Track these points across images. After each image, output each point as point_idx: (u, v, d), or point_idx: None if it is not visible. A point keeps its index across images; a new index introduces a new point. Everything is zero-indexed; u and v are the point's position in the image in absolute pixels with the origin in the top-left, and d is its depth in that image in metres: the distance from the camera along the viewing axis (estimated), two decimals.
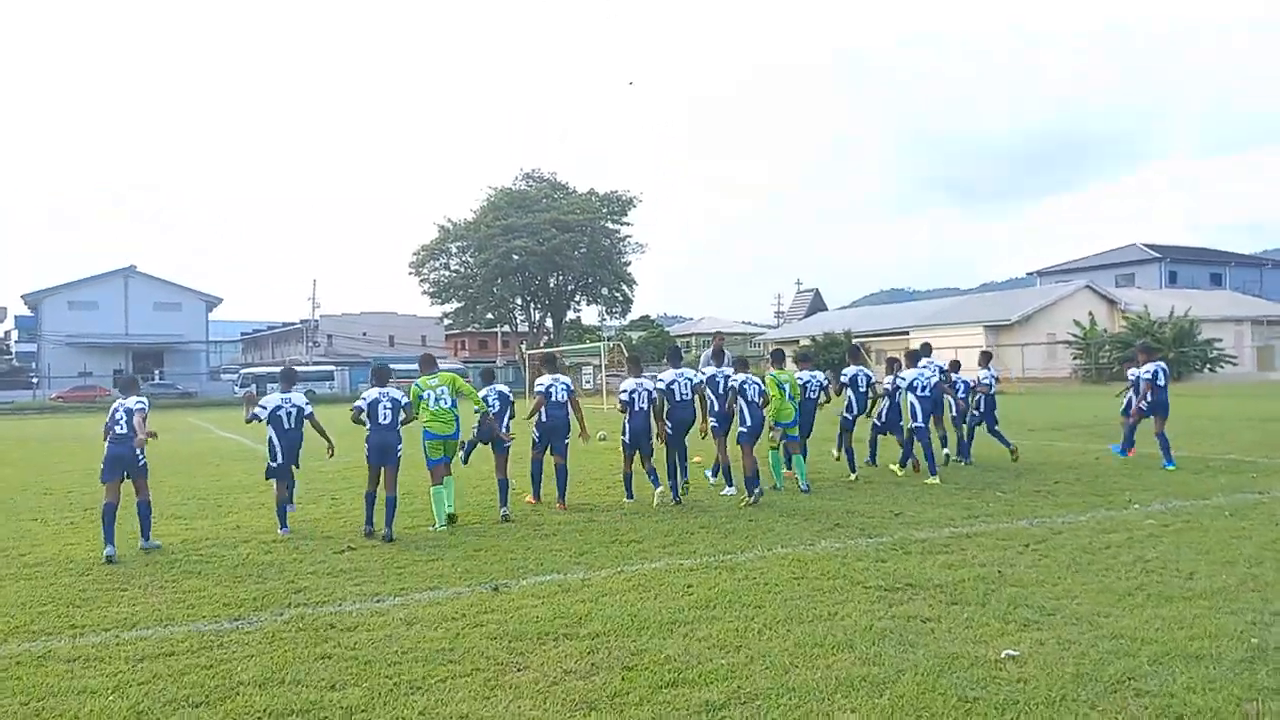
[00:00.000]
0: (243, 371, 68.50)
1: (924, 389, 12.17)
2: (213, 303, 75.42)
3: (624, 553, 7.76)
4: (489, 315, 68.30)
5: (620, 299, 68.65)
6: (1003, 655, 4.83)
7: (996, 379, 14.58)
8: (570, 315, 71.44)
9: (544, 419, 10.41)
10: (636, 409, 10.48)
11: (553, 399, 10.41)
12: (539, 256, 60.86)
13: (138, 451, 8.61)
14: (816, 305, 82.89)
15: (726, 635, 5.31)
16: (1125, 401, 13.91)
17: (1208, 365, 45.78)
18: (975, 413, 13.89)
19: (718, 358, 12.23)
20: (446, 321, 71.12)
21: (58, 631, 5.91)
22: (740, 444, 10.51)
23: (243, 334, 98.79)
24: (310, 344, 76.86)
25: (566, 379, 10.75)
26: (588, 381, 64.52)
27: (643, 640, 5.27)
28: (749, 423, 10.53)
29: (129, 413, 8.72)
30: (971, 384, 13.83)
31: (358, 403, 9.44)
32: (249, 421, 9.75)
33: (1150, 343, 40.96)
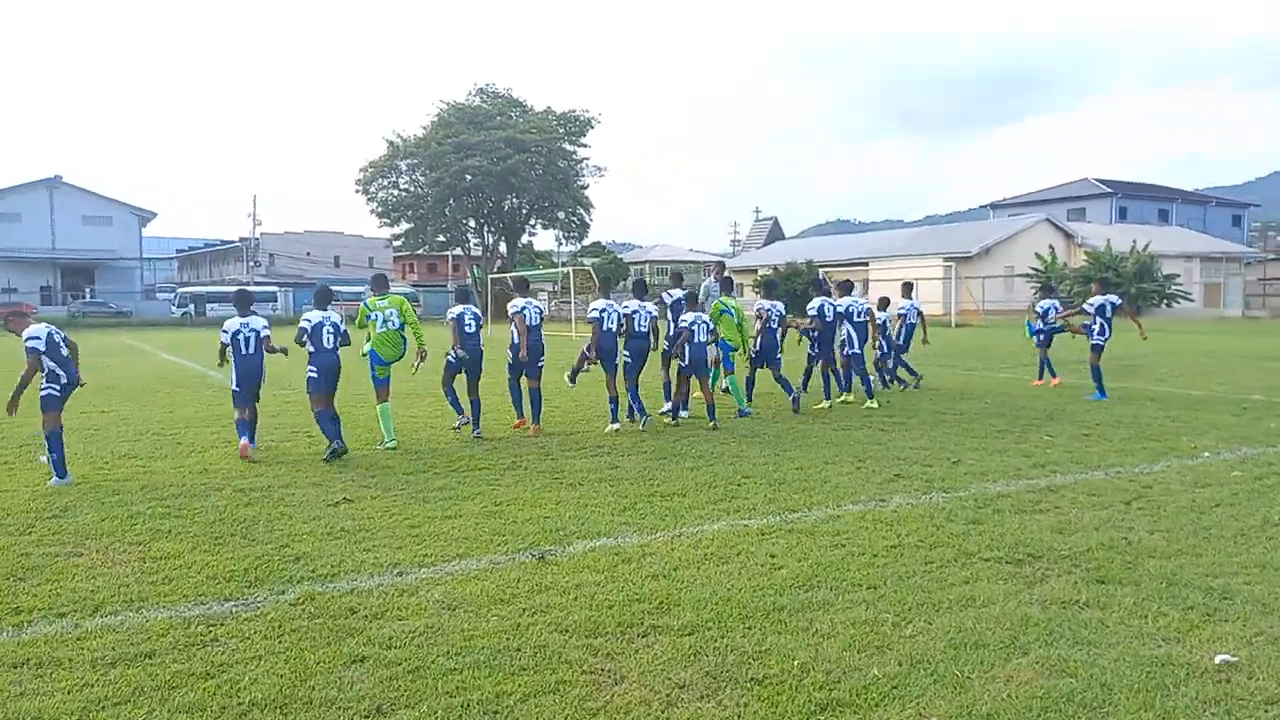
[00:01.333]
0: (180, 291, 65.48)
1: (859, 315, 12.73)
2: (146, 217, 71.73)
3: (672, 509, 6.70)
4: (440, 238, 65.90)
5: (577, 223, 66.75)
6: (1218, 661, 3.90)
7: (919, 311, 15.01)
8: (525, 239, 69.40)
9: (516, 341, 10.49)
10: (604, 329, 10.69)
11: (528, 322, 10.55)
12: (493, 177, 58.49)
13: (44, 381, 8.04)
14: (775, 234, 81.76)
15: (857, 630, 4.29)
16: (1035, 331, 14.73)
17: (1165, 301, 45.95)
18: (899, 343, 14.61)
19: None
20: (396, 243, 68.52)
21: None
22: (682, 377, 11.06)
23: (178, 251, 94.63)
24: (251, 263, 73.67)
25: (539, 303, 10.92)
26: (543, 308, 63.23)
27: (755, 637, 4.22)
28: (686, 361, 10.84)
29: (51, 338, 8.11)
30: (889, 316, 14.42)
31: (301, 324, 9.30)
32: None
33: (1111, 277, 40.99)
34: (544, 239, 73.55)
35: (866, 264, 58.61)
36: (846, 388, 12.60)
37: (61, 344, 8.21)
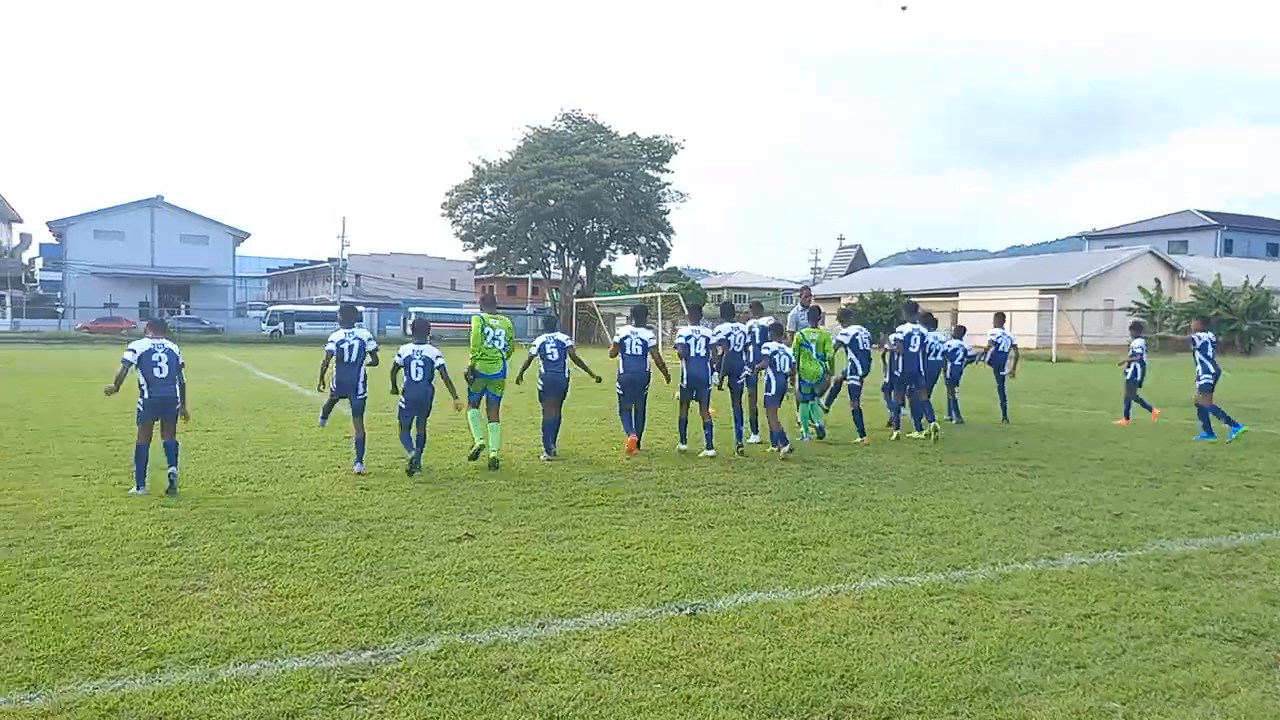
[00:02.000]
0: (271, 309, 67.25)
1: (935, 353, 12.79)
2: (240, 237, 74.04)
3: (819, 560, 6.18)
4: (522, 261, 66.41)
5: (657, 249, 66.63)
6: None
7: (1012, 343, 15.07)
8: (606, 263, 69.52)
9: (621, 370, 10.68)
10: (693, 355, 10.80)
11: (627, 351, 10.72)
12: (576, 201, 58.72)
13: (177, 393, 8.63)
14: (859, 262, 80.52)
15: None
16: (1131, 372, 14.38)
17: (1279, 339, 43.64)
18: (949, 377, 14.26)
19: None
20: (479, 266, 69.29)
21: (128, 662, 4.38)
22: (766, 407, 10.82)
23: (269, 270, 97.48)
24: (338, 283, 75.36)
25: (646, 333, 10.92)
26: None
27: None
28: (773, 389, 10.70)
29: (172, 355, 8.63)
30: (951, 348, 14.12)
31: (395, 358, 9.65)
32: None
33: (1205, 312, 39.05)
34: (622, 263, 73.55)
35: (956, 294, 57.08)
36: (917, 420, 12.40)
37: (159, 364, 8.46)
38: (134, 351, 8.54)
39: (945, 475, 9.49)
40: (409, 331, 10.17)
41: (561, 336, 10.46)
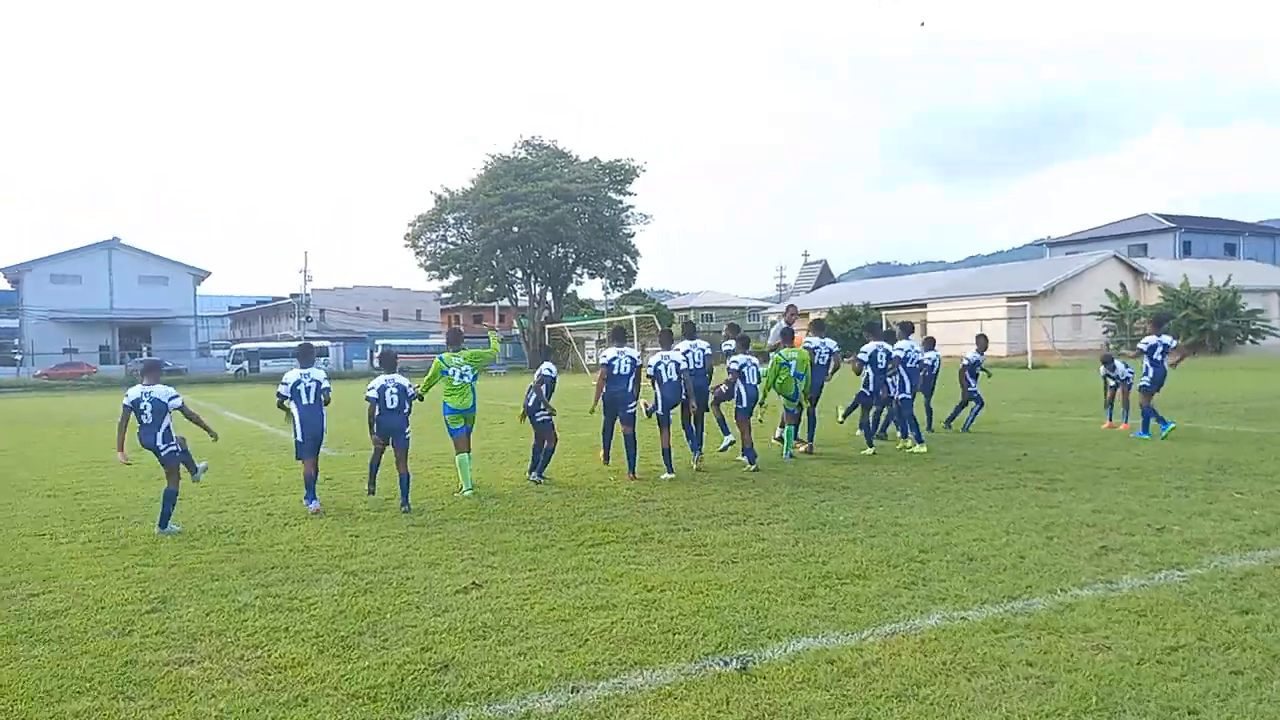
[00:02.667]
0: (234, 347, 65.95)
1: (913, 361, 12.64)
2: (200, 276, 72.71)
3: (862, 597, 5.70)
4: (489, 289, 65.75)
5: (624, 271, 66.31)
6: None
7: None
8: (572, 288, 69.07)
9: (607, 389, 10.67)
10: (665, 380, 10.83)
11: (615, 371, 10.68)
12: (540, 227, 58.34)
13: (159, 442, 8.48)
14: (824, 278, 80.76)
15: None
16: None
17: (1249, 337, 44.03)
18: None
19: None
20: (445, 295, 68.56)
21: None
22: (737, 420, 11.23)
23: (230, 308, 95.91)
24: (302, 319, 74.14)
25: (632, 351, 10.96)
26: (590, 357, 62.41)
27: None
28: (744, 401, 11.15)
29: (157, 404, 8.46)
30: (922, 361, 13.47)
31: (369, 394, 9.52)
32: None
33: (1174, 313, 39.28)
34: (588, 287, 73.14)
35: (925, 305, 57.27)
36: (903, 432, 12.56)
37: (145, 411, 8.43)
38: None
39: (964, 493, 9.08)
40: (377, 365, 10.34)
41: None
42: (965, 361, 14.71)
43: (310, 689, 4.50)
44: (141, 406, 8.41)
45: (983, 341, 15.27)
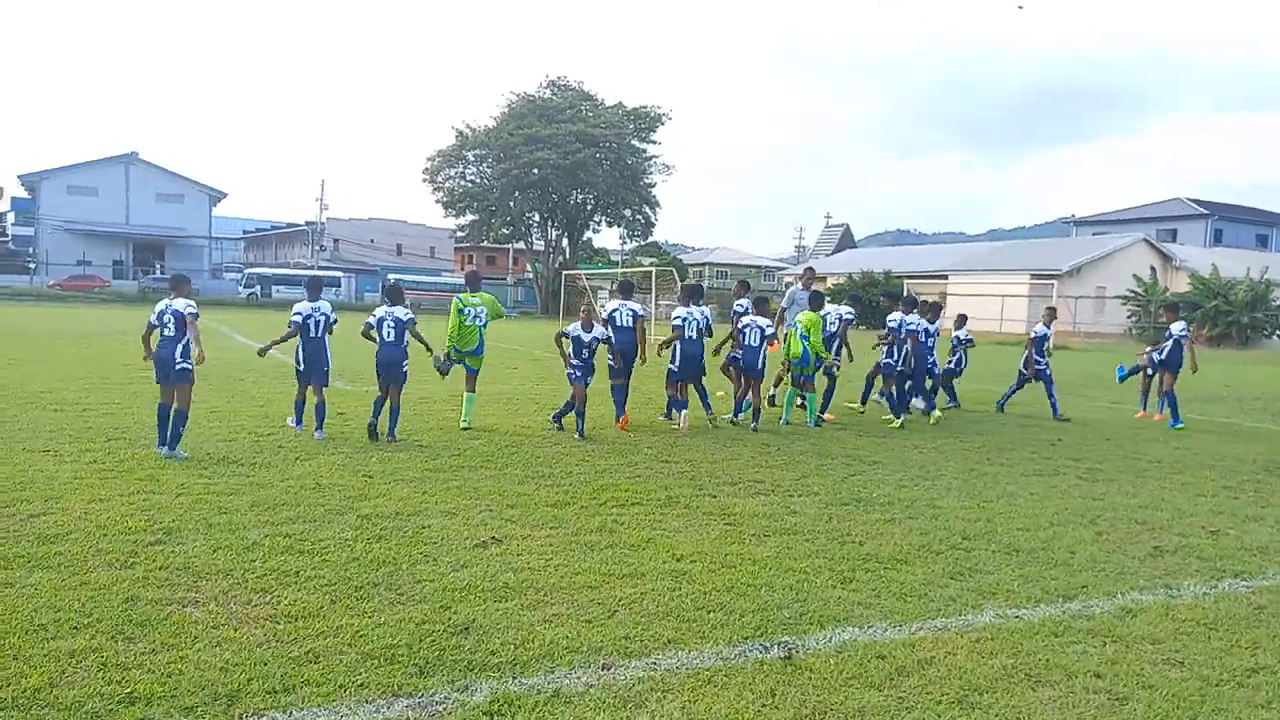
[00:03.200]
0: (248, 271, 65.63)
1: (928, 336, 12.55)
2: (217, 197, 72.12)
3: (907, 585, 5.37)
4: (504, 230, 64.98)
5: (642, 222, 65.47)
6: None
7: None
8: (588, 235, 68.34)
9: (614, 343, 10.66)
10: (687, 335, 10.82)
11: (618, 323, 10.78)
12: (561, 170, 57.40)
13: (177, 355, 8.19)
14: (845, 241, 79.77)
15: None
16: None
17: (1276, 332, 43.14)
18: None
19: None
20: (460, 234, 67.89)
21: (107, 712, 3.52)
22: (748, 378, 11.28)
23: (245, 232, 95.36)
24: (316, 248, 73.73)
25: (637, 305, 10.92)
26: (601, 305, 61.99)
27: None
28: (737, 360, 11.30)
29: (178, 315, 8.29)
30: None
31: (368, 319, 9.73)
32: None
33: (1175, 299, 38.80)
34: (603, 236, 72.50)
35: (946, 277, 56.50)
36: (904, 408, 12.20)
37: (168, 324, 8.30)
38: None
39: (1002, 477, 8.73)
40: (382, 296, 10.32)
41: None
42: (1035, 335, 13.70)
43: (322, 643, 4.21)
44: (165, 319, 8.30)
45: (1051, 314, 14.28)
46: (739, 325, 11.33)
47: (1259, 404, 16.83)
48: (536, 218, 64.16)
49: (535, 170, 58.10)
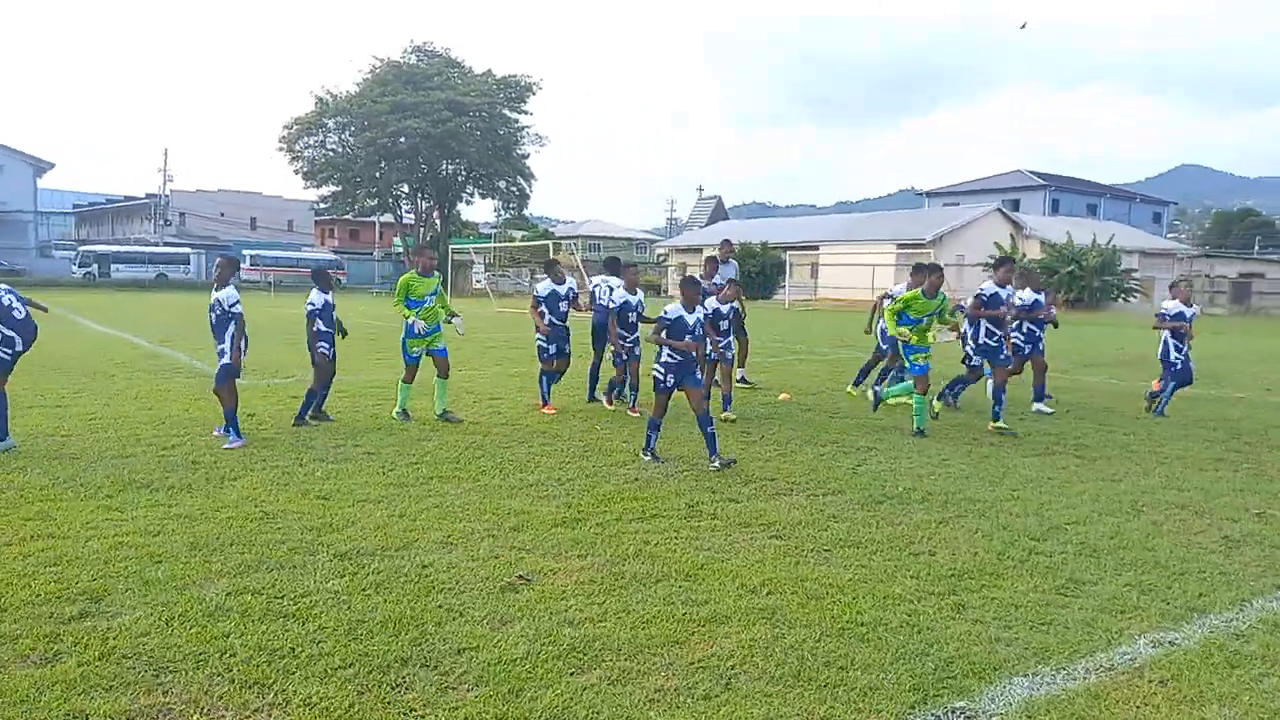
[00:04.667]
0: (82, 249, 60.20)
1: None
2: (43, 168, 65.71)
3: (1019, 605, 4.60)
4: (371, 202, 61.76)
5: (517, 193, 63.61)
6: None
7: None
8: (462, 207, 65.94)
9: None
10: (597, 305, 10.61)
11: (599, 300, 10.58)
12: (431, 140, 54.85)
13: None
14: (718, 214, 79.97)
15: None
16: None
17: (1122, 295, 45.75)
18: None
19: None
20: (322, 206, 64.23)
21: None
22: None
23: (75, 206, 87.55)
24: (160, 222, 68.26)
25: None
26: (478, 281, 59.79)
27: None
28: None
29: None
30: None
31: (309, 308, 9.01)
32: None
33: (1075, 270, 40.40)
34: (480, 209, 70.33)
35: (817, 247, 57.40)
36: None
37: (13, 308, 7.58)
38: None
39: (1003, 459, 8.20)
40: (314, 280, 9.34)
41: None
42: (1163, 314, 11.03)
43: None
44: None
45: (1183, 291, 11.14)
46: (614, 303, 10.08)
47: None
48: (406, 189, 61.32)
49: (403, 139, 55.37)
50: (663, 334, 7.54)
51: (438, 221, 63.06)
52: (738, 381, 11.37)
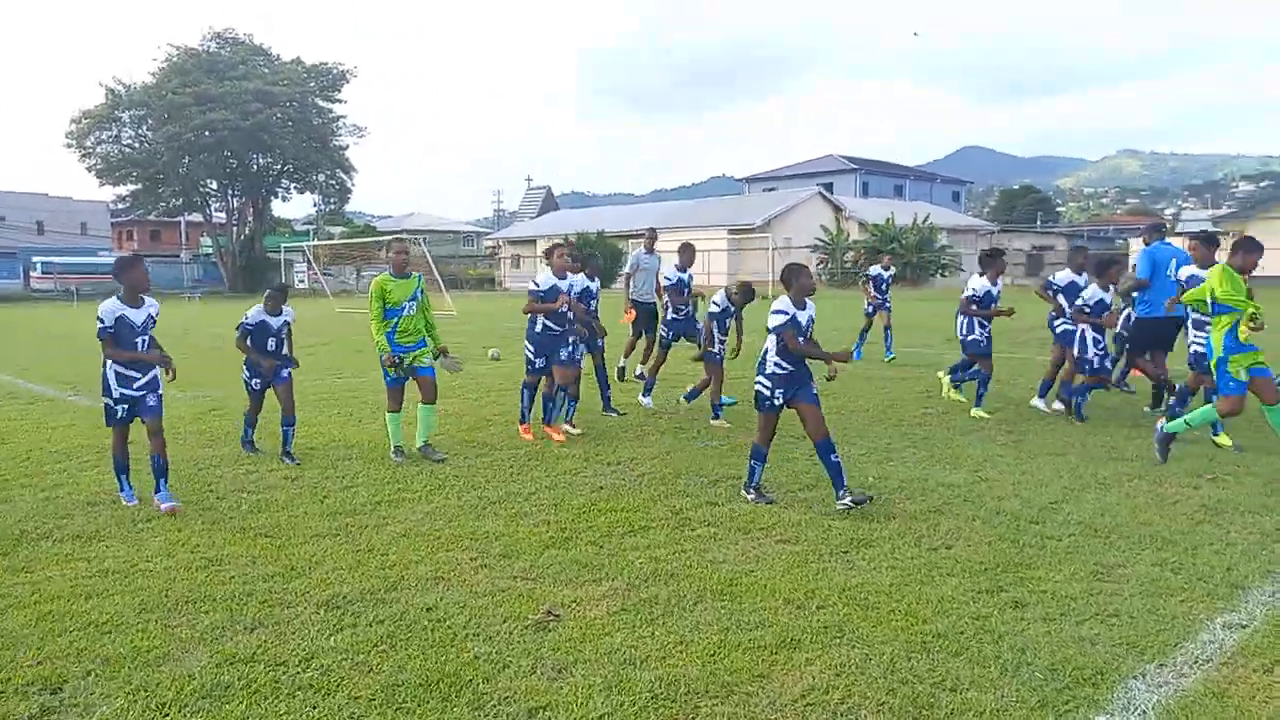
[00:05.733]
0: None
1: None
2: None
3: (1078, 599, 4.49)
4: (176, 200, 57.16)
5: (337, 187, 60.65)
6: None
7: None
8: (279, 203, 62.28)
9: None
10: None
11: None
12: (240, 133, 51.40)
13: None
14: (549, 204, 79.23)
15: None
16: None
17: (940, 271, 48.57)
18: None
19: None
20: (121, 206, 59.01)
21: None
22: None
23: None
24: None
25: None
26: (300, 281, 56.67)
27: None
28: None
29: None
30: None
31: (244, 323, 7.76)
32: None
33: (895, 248, 42.54)
34: (297, 204, 66.72)
35: (655, 235, 57.80)
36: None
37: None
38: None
39: (941, 439, 8.25)
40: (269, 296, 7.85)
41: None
42: (1049, 285, 10.18)
43: None
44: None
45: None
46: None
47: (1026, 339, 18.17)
48: (214, 185, 57.18)
49: (208, 133, 51.54)
50: (799, 339, 6.07)
51: (250, 219, 59.28)
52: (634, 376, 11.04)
